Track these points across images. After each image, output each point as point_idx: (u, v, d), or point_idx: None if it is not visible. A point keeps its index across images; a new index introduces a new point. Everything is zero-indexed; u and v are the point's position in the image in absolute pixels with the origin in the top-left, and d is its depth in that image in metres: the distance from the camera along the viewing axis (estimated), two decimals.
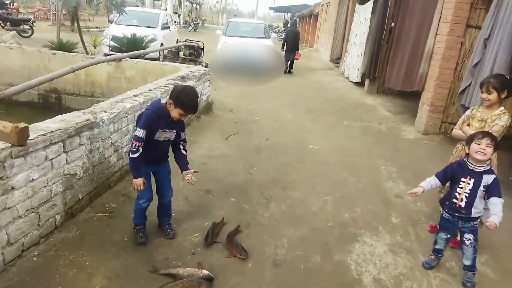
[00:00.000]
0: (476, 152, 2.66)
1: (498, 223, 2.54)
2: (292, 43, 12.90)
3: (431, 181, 2.91)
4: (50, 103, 7.17)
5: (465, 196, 2.72)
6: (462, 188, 2.74)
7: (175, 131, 2.84)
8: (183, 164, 2.98)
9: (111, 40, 10.15)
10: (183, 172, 2.98)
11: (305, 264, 2.89)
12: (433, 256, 3.01)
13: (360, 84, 10.80)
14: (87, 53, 9.91)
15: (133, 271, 2.62)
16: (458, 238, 3.04)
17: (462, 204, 2.74)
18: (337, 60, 14.92)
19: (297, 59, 13.31)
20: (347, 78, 11.96)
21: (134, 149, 2.63)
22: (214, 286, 2.55)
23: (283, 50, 12.96)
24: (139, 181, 2.72)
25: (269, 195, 3.92)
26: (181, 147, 2.95)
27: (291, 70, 13.14)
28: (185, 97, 2.62)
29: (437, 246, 2.98)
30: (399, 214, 3.77)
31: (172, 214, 3.19)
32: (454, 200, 2.78)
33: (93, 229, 3.01)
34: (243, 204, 3.69)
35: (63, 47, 8.84)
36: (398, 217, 3.71)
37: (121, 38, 10.40)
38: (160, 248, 2.89)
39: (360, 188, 4.31)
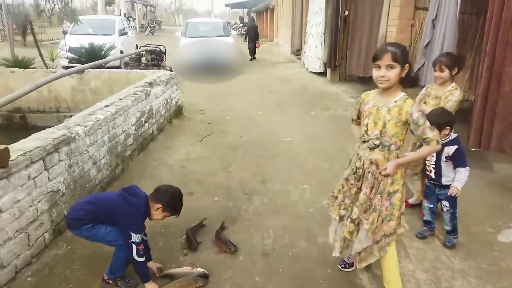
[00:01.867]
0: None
1: (459, 187, 2.90)
2: (253, 35, 16.04)
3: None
4: (14, 124, 6.97)
5: (433, 167, 3.07)
6: (429, 160, 3.09)
7: None
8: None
9: (68, 51, 9.90)
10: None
11: (292, 251, 3.07)
12: (425, 228, 3.29)
13: (323, 74, 11.11)
14: (47, 67, 9.63)
15: (130, 278, 2.68)
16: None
17: (432, 175, 3.09)
18: (297, 52, 15.28)
19: (258, 48, 16.49)
20: (307, 69, 12.22)
21: (141, 253, 2.45)
22: (209, 282, 2.67)
23: (245, 41, 16.35)
24: (153, 286, 2.53)
25: (250, 190, 4.07)
26: None
27: (254, 57, 15.90)
28: (177, 202, 2.59)
29: (425, 218, 3.27)
30: None
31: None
32: (427, 172, 3.15)
33: (83, 243, 3.03)
34: (227, 201, 3.82)
35: (20, 64, 8.52)
36: None
37: (78, 49, 10.16)
38: (153, 254, 2.96)
39: (334, 173, 4.51)
